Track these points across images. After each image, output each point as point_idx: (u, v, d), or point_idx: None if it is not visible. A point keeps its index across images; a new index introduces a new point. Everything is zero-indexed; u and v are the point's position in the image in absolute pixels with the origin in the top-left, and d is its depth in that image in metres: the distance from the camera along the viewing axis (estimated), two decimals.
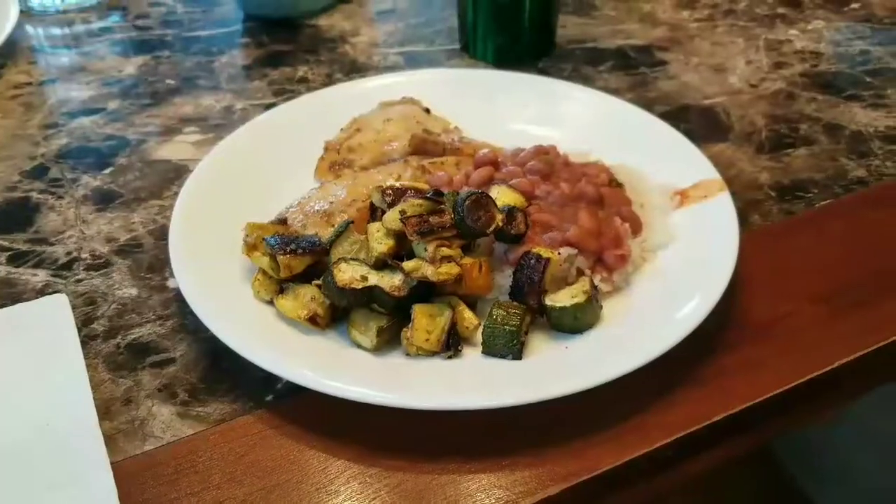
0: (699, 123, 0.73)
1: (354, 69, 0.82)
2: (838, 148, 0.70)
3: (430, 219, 0.52)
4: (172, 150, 0.71)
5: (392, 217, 0.53)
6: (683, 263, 0.56)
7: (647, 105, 0.72)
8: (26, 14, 0.92)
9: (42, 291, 0.58)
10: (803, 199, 0.65)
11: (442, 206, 0.53)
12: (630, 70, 0.81)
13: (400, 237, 0.53)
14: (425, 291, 0.52)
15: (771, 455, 1.04)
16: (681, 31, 0.88)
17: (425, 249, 0.52)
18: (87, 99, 0.79)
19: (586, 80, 0.78)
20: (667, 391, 0.50)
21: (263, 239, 0.54)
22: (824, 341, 0.53)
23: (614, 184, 0.60)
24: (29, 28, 0.91)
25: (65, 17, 0.92)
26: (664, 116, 0.69)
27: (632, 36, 0.87)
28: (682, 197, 0.61)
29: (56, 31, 0.91)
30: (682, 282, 0.54)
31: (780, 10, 0.91)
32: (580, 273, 0.54)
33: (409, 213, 0.52)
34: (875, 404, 1.16)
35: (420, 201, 0.53)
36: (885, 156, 0.69)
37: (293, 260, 0.53)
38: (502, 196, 0.56)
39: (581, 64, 0.82)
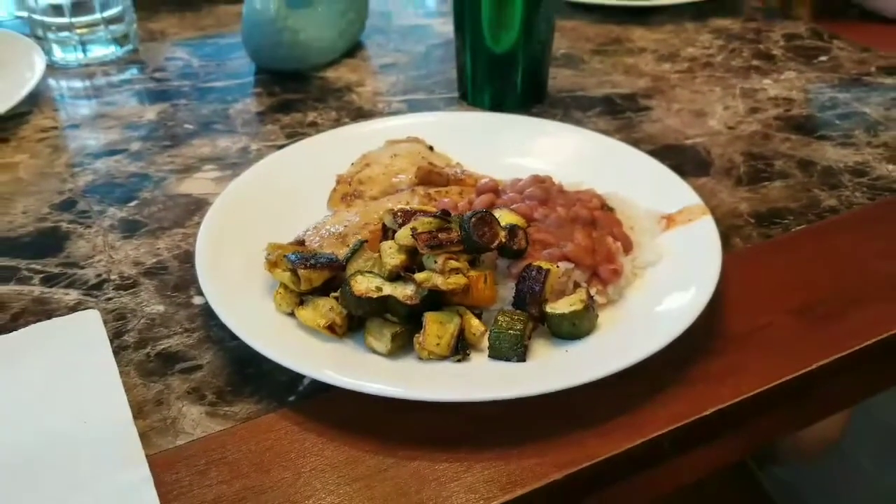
0: (682, 160, 0.79)
1: (361, 115, 0.88)
2: (811, 181, 0.76)
3: (440, 234, 0.57)
4: (193, 186, 0.76)
5: (404, 234, 0.58)
6: (672, 277, 0.60)
7: (634, 144, 0.78)
8: (50, 68, 0.98)
9: (74, 308, 0.61)
10: (780, 224, 0.70)
11: (450, 224, 0.58)
12: (617, 115, 0.87)
13: (411, 252, 0.57)
14: (435, 301, 0.56)
15: (760, 488, 1.07)
16: (663, 81, 0.94)
17: (435, 262, 0.56)
18: (109, 142, 0.84)
19: (576, 124, 0.84)
20: (658, 391, 0.54)
21: (284, 256, 0.59)
22: (799, 347, 0.58)
23: (606, 208, 0.65)
24: (52, 81, 0.96)
25: (86, 71, 0.98)
26: (650, 155, 0.75)
27: (618, 86, 0.93)
28: (669, 221, 0.66)
29: (78, 83, 0.97)
30: (671, 293, 0.59)
31: (755, 63, 0.98)
32: (577, 286, 0.59)
33: (419, 230, 0.57)
34: (861, 442, 1.20)
35: (429, 219, 0.58)
36: (854, 187, 0.75)
37: (313, 273, 0.57)
38: (504, 217, 0.61)
39: (571, 109, 0.88)
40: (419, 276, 0.56)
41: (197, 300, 0.62)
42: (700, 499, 0.98)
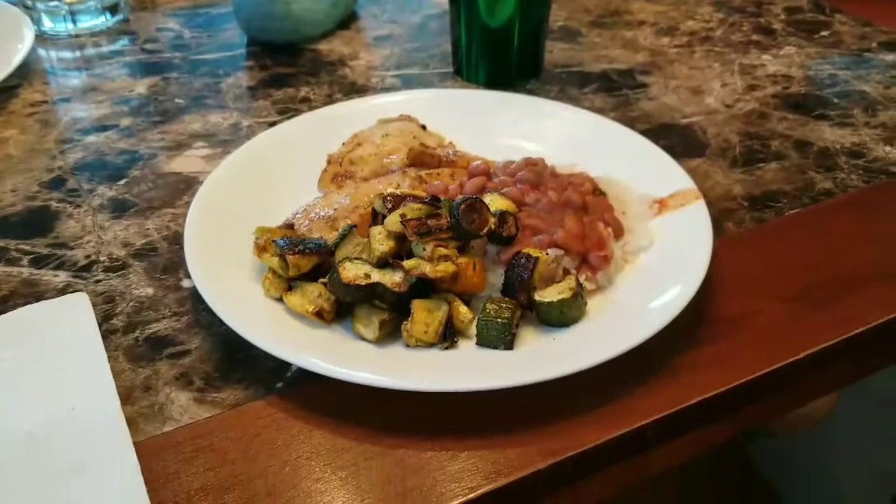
0: (677, 140, 0.78)
1: (353, 90, 0.87)
2: (807, 162, 0.76)
3: (429, 221, 0.57)
4: (183, 164, 0.76)
5: (393, 220, 0.57)
6: (662, 264, 0.60)
7: (629, 123, 0.77)
8: (40, 38, 0.96)
9: (63, 291, 0.61)
10: (773, 208, 0.70)
11: (439, 211, 0.58)
12: (613, 92, 0.86)
13: (400, 239, 0.57)
14: (424, 288, 0.56)
15: (749, 462, 1.08)
16: (661, 56, 0.93)
17: (424, 249, 0.56)
18: (100, 116, 0.83)
19: (572, 101, 0.83)
20: (646, 379, 0.54)
21: (273, 241, 0.58)
22: (789, 335, 0.58)
23: (598, 192, 0.65)
24: (42, 51, 0.95)
25: (77, 42, 0.97)
26: (645, 134, 0.74)
27: (615, 61, 0.92)
28: (661, 205, 0.65)
29: (68, 54, 0.96)
30: (661, 281, 0.58)
31: (755, 38, 0.97)
32: (567, 273, 0.59)
33: (409, 216, 0.57)
34: (854, 415, 1.21)
35: (419, 206, 0.58)
36: (850, 169, 0.75)
37: (301, 259, 0.57)
38: (494, 202, 0.60)
39: (567, 86, 0.87)
40: (408, 263, 0.56)
41: (186, 283, 0.62)
42: (686, 470, 0.99)
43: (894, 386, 1.24)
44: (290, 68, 0.91)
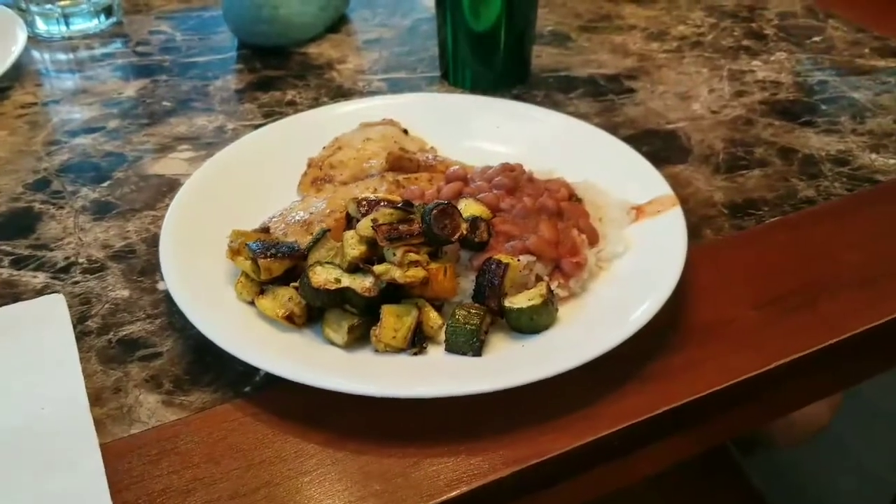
0: (661, 146, 0.78)
1: (340, 94, 0.87)
2: (790, 170, 0.75)
3: (400, 227, 0.57)
4: (166, 166, 0.76)
5: (365, 225, 0.57)
6: (635, 271, 0.60)
7: (613, 129, 0.77)
8: (33, 40, 0.97)
9: (41, 292, 0.62)
10: (754, 216, 0.70)
11: (412, 216, 0.58)
12: (599, 97, 0.86)
13: (371, 243, 0.57)
14: (394, 293, 0.56)
15: (741, 472, 1.08)
16: (649, 61, 0.93)
17: (394, 254, 0.56)
18: (88, 119, 0.84)
19: (557, 106, 0.83)
20: (615, 387, 0.54)
21: (246, 244, 0.59)
22: (762, 343, 0.57)
23: (574, 198, 0.65)
24: (35, 53, 0.96)
25: (69, 44, 0.98)
26: (628, 139, 0.74)
27: (603, 66, 0.92)
28: (638, 212, 0.65)
29: (61, 56, 0.96)
30: (633, 288, 0.58)
31: (745, 43, 0.97)
32: (539, 279, 0.59)
33: (380, 221, 0.57)
34: (849, 426, 1.20)
35: (391, 210, 0.58)
36: (833, 177, 0.74)
37: (273, 263, 0.57)
38: (468, 208, 0.60)
39: (553, 91, 0.87)
40: (377, 268, 0.56)
41: (161, 286, 0.62)
42: (677, 482, 0.99)
43: (890, 397, 1.23)
44: (279, 71, 0.91)
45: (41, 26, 0.98)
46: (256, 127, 0.79)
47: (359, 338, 0.55)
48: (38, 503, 0.47)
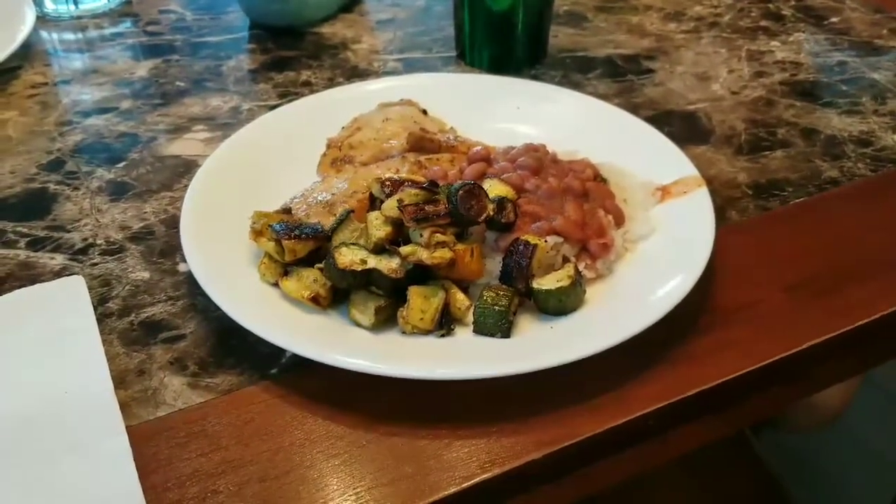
0: (682, 127, 0.77)
1: (355, 74, 0.86)
2: (813, 150, 0.74)
3: (426, 207, 0.56)
4: (182, 147, 0.75)
5: (390, 205, 0.56)
6: (663, 252, 0.59)
7: (633, 110, 0.76)
8: (42, 20, 0.96)
9: (59, 274, 0.61)
10: (778, 196, 0.69)
11: (437, 196, 0.57)
12: (618, 77, 0.85)
13: (397, 224, 0.56)
14: (420, 275, 0.55)
15: (761, 461, 1.07)
16: (667, 41, 0.92)
17: (421, 235, 0.55)
18: (100, 99, 0.83)
19: (576, 87, 0.82)
20: (644, 368, 0.53)
21: (269, 226, 0.58)
22: (791, 326, 0.57)
23: (599, 179, 0.64)
24: (44, 33, 0.95)
25: (78, 23, 0.96)
26: (649, 120, 0.73)
27: (621, 46, 0.91)
28: (664, 192, 0.65)
29: (70, 36, 0.95)
30: (661, 269, 0.58)
31: (763, 23, 0.96)
32: (566, 260, 0.58)
33: (406, 202, 0.56)
34: (865, 412, 1.20)
35: (417, 191, 0.57)
36: (856, 158, 0.73)
37: (297, 244, 0.56)
38: (494, 188, 0.60)
39: (571, 71, 0.86)
40: (404, 249, 0.55)
41: (182, 267, 0.61)
42: (691, 463, 0.99)
43: None
44: (292, 52, 0.90)
45: (50, 6, 0.97)
46: (272, 107, 0.78)
47: (385, 319, 0.55)
48: (65, 487, 0.46)
